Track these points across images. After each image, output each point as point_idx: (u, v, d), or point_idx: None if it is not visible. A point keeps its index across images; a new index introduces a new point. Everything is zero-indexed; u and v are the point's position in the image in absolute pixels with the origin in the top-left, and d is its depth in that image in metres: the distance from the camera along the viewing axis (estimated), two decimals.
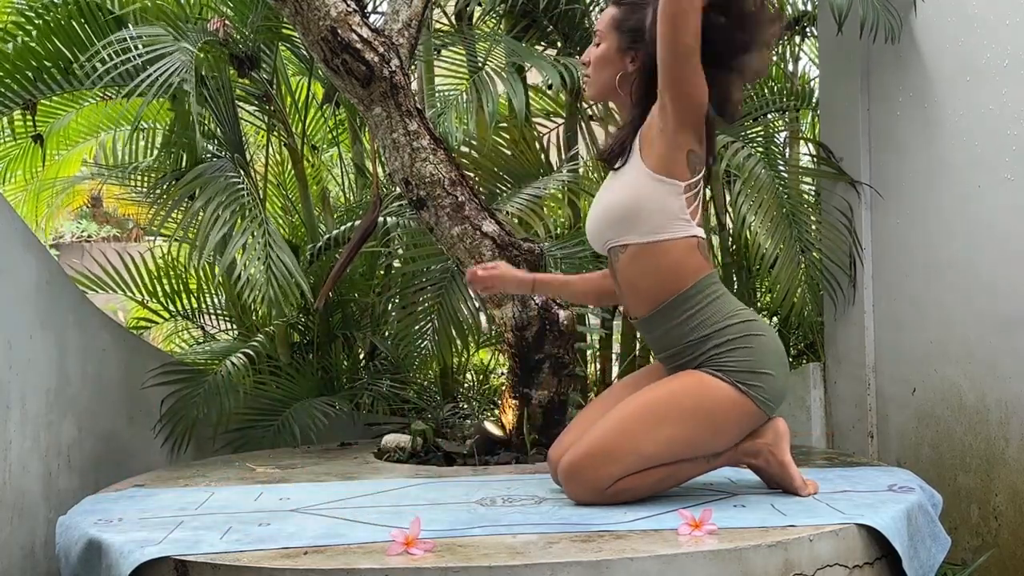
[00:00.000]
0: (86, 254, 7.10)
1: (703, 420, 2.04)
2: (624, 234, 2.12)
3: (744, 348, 2.06)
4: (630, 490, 2.04)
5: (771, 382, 2.06)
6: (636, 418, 2.04)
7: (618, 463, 2.00)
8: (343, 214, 4.21)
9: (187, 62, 3.03)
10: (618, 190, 2.13)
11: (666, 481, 2.08)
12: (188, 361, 3.51)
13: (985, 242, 2.91)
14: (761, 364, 2.05)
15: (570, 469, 2.05)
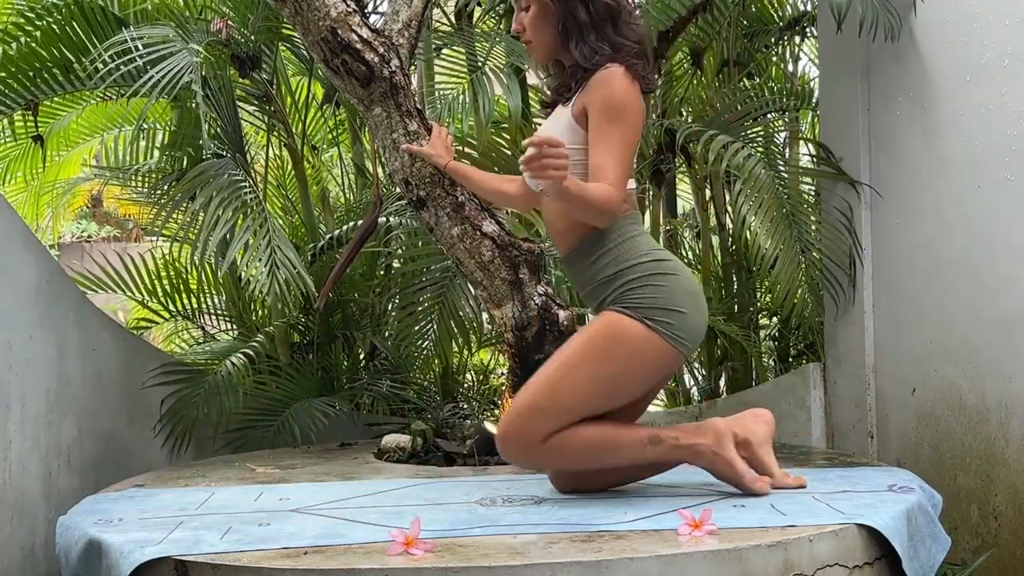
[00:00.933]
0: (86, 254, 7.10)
1: (615, 359, 2.05)
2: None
3: (653, 285, 2.08)
4: (562, 449, 2.05)
5: (682, 319, 2.07)
6: (555, 370, 2.07)
7: (543, 416, 2.03)
8: (343, 214, 4.21)
9: (193, 62, 3.03)
10: (552, 133, 2.14)
11: (602, 452, 2.08)
12: (188, 361, 3.51)
13: (985, 242, 2.91)
14: (670, 301, 2.07)
15: (501, 431, 2.08)
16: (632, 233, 2.15)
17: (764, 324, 4.34)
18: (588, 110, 2.09)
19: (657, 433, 2.12)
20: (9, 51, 3.35)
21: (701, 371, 4.58)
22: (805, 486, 2.17)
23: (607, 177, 2.03)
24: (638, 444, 2.10)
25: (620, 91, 2.08)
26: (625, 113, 2.08)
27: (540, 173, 1.86)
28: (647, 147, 4.13)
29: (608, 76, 2.08)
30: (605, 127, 2.06)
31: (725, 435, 2.12)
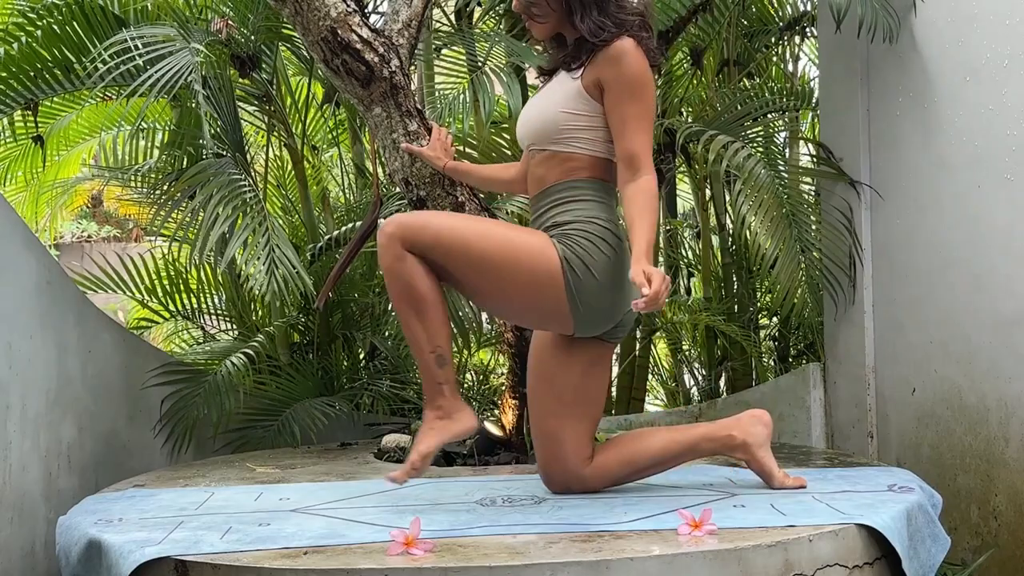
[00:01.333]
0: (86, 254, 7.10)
1: (519, 264, 2.06)
2: (548, 144, 2.20)
3: (594, 246, 2.09)
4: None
5: (596, 288, 2.08)
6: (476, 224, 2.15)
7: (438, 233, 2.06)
8: (343, 214, 4.21)
9: (194, 62, 3.03)
10: (555, 101, 2.19)
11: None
12: (188, 361, 3.51)
13: (985, 242, 2.91)
14: (597, 267, 2.08)
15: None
16: (601, 199, 2.18)
17: (764, 324, 4.34)
18: (605, 86, 2.12)
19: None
20: (11, 51, 3.35)
21: (701, 371, 4.58)
22: (805, 486, 2.17)
23: (644, 165, 2.09)
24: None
25: (637, 67, 2.11)
26: (645, 88, 2.12)
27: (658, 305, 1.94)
28: None
29: (621, 52, 2.10)
30: (629, 106, 2.10)
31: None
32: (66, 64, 3.46)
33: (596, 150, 2.18)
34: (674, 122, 3.91)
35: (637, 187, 2.09)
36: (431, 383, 2.10)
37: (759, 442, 2.19)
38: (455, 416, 2.09)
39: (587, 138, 2.17)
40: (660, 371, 4.81)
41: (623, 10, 2.16)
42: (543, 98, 2.26)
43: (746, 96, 4.01)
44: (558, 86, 2.22)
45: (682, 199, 5.30)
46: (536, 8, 2.19)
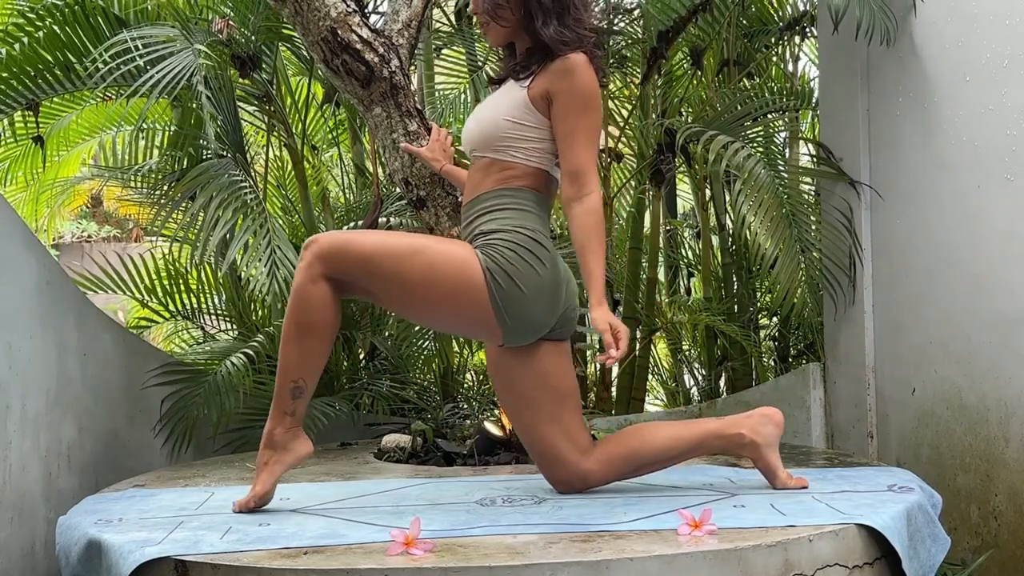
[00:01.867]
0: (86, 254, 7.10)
1: (440, 276, 2.06)
2: (488, 151, 2.20)
3: (519, 256, 2.09)
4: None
5: (522, 300, 2.08)
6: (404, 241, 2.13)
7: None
8: (343, 214, 4.21)
9: (196, 62, 3.03)
10: (500, 109, 2.19)
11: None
12: (188, 361, 3.51)
13: (985, 242, 2.91)
14: (522, 278, 2.08)
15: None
16: (531, 208, 2.17)
17: (764, 324, 4.34)
18: (554, 98, 2.12)
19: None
20: (12, 52, 3.35)
21: (701, 371, 4.58)
22: (807, 487, 2.17)
23: (589, 182, 2.10)
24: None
25: (588, 83, 2.12)
26: (593, 103, 2.13)
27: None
28: (647, 147, 4.14)
29: (573, 66, 2.11)
30: (577, 120, 2.11)
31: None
32: (67, 64, 3.46)
33: (535, 161, 2.18)
34: (674, 122, 3.91)
35: (583, 207, 2.09)
36: (279, 409, 2.11)
37: (768, 442, 2.18)
38: (289, 447, 2.11)
39: (527, 148, 2.17)
40: (660, 371, 4.81)
41: (580, 24, 2.15)
42: (488, 105, 2.26)
43: (746, 96, 4.01)
44: (505, 94, 2.22)
45: (682, 199, 5.30)
46: (501, 11, 2.18)
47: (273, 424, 2.12)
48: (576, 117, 2.11)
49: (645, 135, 4.16)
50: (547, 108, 2.14)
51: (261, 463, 2.12)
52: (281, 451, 2.11)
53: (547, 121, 2.15)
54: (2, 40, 3.39)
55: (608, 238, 4.08)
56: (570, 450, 2.18)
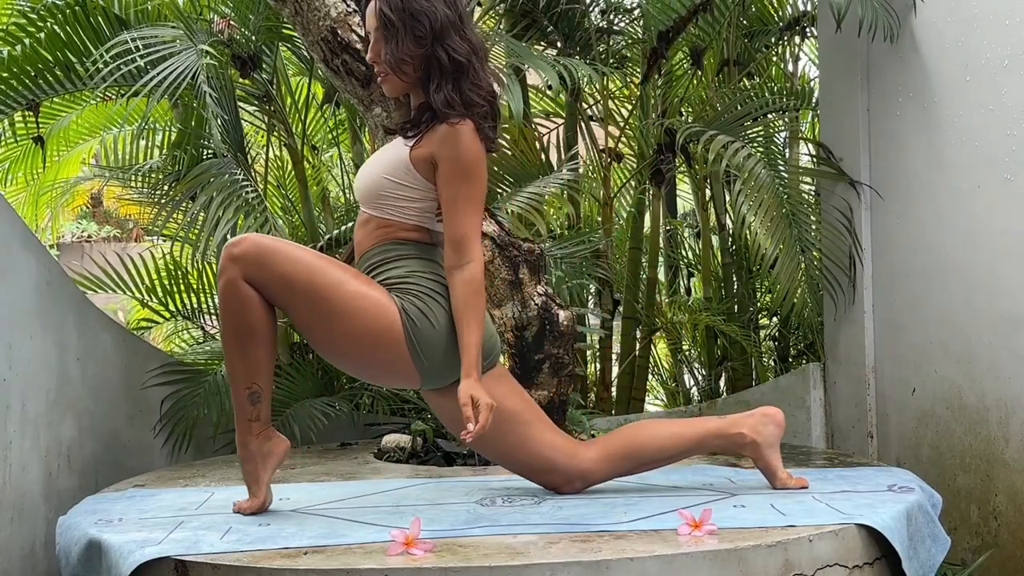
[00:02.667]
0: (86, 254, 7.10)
1: (355, 300, 2.04)
2: (368, 207, 2.19)
3: (431, 299, 2.09)
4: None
5: (435, 338, 2.07)
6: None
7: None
8: (343, 214, 4.21)
9: (199, 62, 3.03)
10: (382, 167, 2.17)
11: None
12: (188, 361, 3.51)
13: (985, 242, 2.91)
14: (436, 318, 2.08)
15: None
16: (424, 255, 2.17)
17: (764, 324, 4.34)
18: (438, 163, 2.09)
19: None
20: (13, 52, 3.35)
21: (701, 371, 4.58)
22: (807, 487, 2.17)
23: (470, 249, 2.07)
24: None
25: (472, 152, 2.08)
26: (479, 174, 2.10)
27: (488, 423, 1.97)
28: (647, 147, 4.14)
29: (458, 134, 2.07)
30: (461, 188, 2.08)
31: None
32: (67, 65, 3.46)
33: (413, 219, 2.17)
34: (674, 122, 3.91)
35: (463, 277, 2.07)
36: (243, 419, 2.08)
37: (769, 442, 2.18)
38: (266, 451, 2.09)
39: (405, 207, 2.15)
40: (660, 371, 4.81)
41: (477, 90, 2.12)
42: (373, 161, 2.24)
43: (746, 96, 4.01)
44: (391, 150, 2.20)
45: (682, 199, 5.30)
46: (404, 67, 2.13)
47: (243, 435, 2.09)
48: (458, 185, 2.08)
49: (645, 135, 4.16)
50: (430, 171, 2.11)
51: (247, 475, 2.11)
52: (261, 458, 2.09)
53: (426, 183, 2.13)
54: (3, 40, 3.39)
55: (608, 238, 4.08)
56: (557, 456, 2.18)
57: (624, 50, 4.22)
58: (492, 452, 2.25)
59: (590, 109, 4.33)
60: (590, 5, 4.11)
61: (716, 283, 4.34)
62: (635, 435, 2.23)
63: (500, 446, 2.19)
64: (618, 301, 4.27)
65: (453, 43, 2.10)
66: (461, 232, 2.07)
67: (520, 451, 2.19)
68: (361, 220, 2.22)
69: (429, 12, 2.09)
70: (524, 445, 2.18)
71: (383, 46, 2.14)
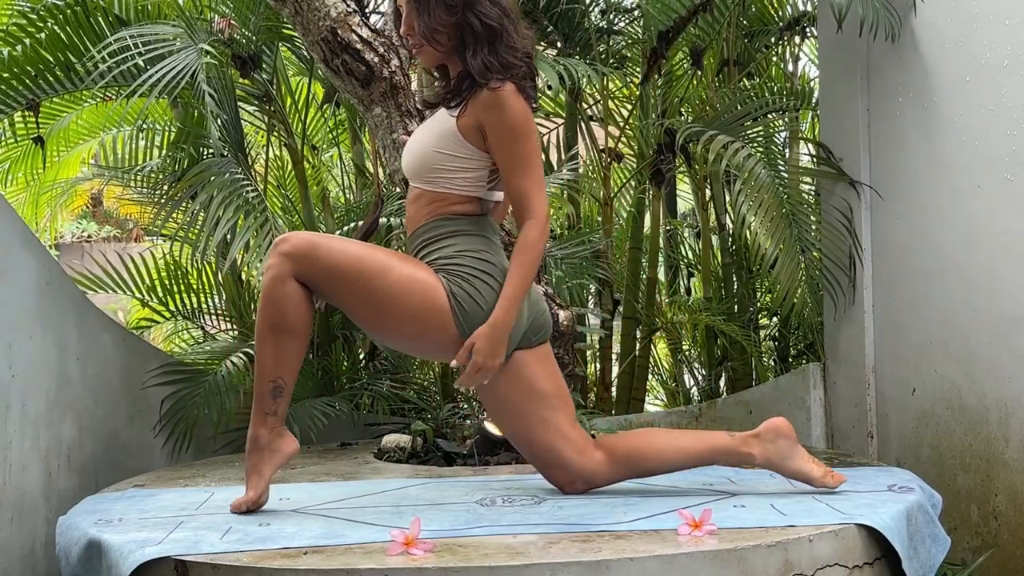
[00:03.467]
0: (86, 254, 7.09)
1: (404, 285, 2.08)
2: (420, 182, 2.21)
3: (476, 278, 2.12)
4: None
5: (482, 317, 2.09)
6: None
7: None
8: (343, 214, 4.21)
9: (200, 61, 3.03)
10: (430, 140, 2.20)
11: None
12: (188, 361, 3.51)
13: (985, 242, 2.91)
14: (483, 299, 2.10)
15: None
16: (476, 231, 2.19)
17: (764, 324, 4.34)
18: (487, 131, 2.12)
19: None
20: (15, 52, 3.36)
21: (701, 371, 4.58)
22: (845, 480, 2.15)
23: (533, 204, 2.12)
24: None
25: (518, 112, 2.11)
26: (530, 132, 2.14)
27: (480, 378, 2.07)
28: (647, 147, 4.14)
29: (502, 98, 2.10)
30: (516, 150, 2.12)
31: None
32: (67, 64, 3.46)
33: (466, 190, 2.19)
34: (674, 122, 3.91)
35: (523, 237, 2.12)
36: (260, 411, 2.10)
37: (784, 455, 2.14)
38: (275, 447, 2.11)
39: (458, 178, 2.18)
40: (660, 371, 4.81)
41: (512, 52, 2.14)
42: (420, 135, 2.26)
43: (746, 96, 4.01)
44: (436, 123, 2.22)
45: (682, 199, 5.30)
46: (438, 36, 2.15)
47: (256, 427, 2.10)
48: (510, 146, 2.12)
49: (645, 135, 4.16)
50: (479, 138, 2.14)
51: (250, 468, 2.11)
52: (268, 453, 2.10)
53: (478, 151, 2.15)
54: (4, 41, 3.39)
55: (608, 238, 4.08)
56: (568, 449, 2.18)
57: (624, 50, 4.22)
58: (510, 427, 2.25)
59: (590, 109, 4.33)
60: (590, 5, 4.11)
61: (716, 283, 4.34)
62: (642, 444, 2.22)
63: (520, 422, 2.20)
64: (618, 301, 4.27)
65: (483, 8, 2.12)
66: (522, 188, 2.12)
67: (537, 434, 2.18)
68: (412, 196, 2.24)
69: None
70: (542, 429, 2.18)
71: (415, 18, 2.16)
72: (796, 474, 2.14)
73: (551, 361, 2.26)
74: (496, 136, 2.12)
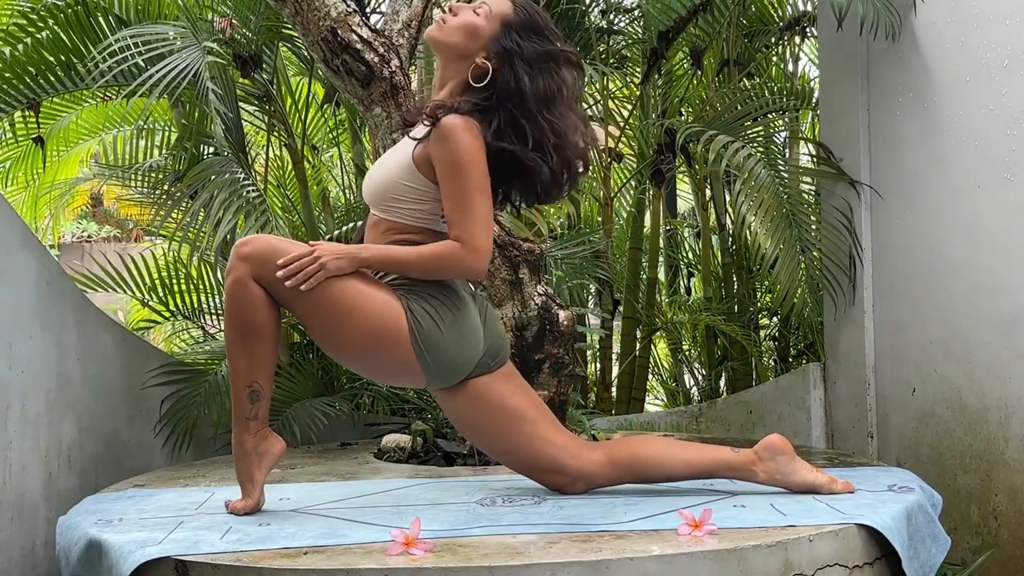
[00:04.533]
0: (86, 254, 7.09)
1: (362, 299, 2.04)
2: (377, 210, 2.18)
3: (435, 299, 2.08)
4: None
5: (439, 337, 2.06)
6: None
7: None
8: (343, 214, 4.21)
9: (203, 60, 3.03)
10: (390, 169, 2.16)
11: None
12: (188, 361, 3.51)
13: (985, 242, 2.91)
14: (439, 317, 2.07)
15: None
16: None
17: (764, 324, 4.34)
18: (433, 162, 2.07)
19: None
20: (16, 52, 3.36)
21: (701, 371, 4.58)
22: (853, 491, 2.12)
23: (468, 239, 2.05)
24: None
25: (465, 146, 2.05)
26: (473, 167, 2.06)
27: (303, 275, 1.98)
28: (647, 147, 4.14)
29: (451, 130, 2.04)
30: (456, 185, 2.06)
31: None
32: (68, 64, 3.46)
33: (420, 221, 2.16)
34: (674, 122, 3.91)
35: (446, 247, 2.06)
36: (241, 417, 2.07)
37: (785, 471, 2.12)
38: (262, 451, 2.08)
39: (413, 210, 2.14)
40: (660, 371, 4.81)
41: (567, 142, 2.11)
42: (383, 162, 2.23)
43: (746, 96, 4.01)
44: (398, 152, 2.19)
45: (682, 199, 5.31)
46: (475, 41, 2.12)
47: (240, 433, 2.08)
48: (449, 181, 2.06)
49: (645, 135, 4.16)
50: (430, 171, 2.09)
51: (241, 475, 2.10)
52: (256, 457, 2.08)
53: (430, 183, 2.11)
54: (5, 40, 3.40)
55: (608, 238, 4.08)
56: (562, 455, 2.16)
57: (624, 50, 4.22)
58: (495, 451, 2.25)
59: (590, 109, 4.33)
60: (590, 5, 4.11)
61: (716, 283, 4.34)
62: (645, 453, 2.19)
63: (503, 444, 2.19)
64: (618, 301, 4.27)
65: (541, 76, 2.11)
66: (458, 225, 2.06)
67: (524, 450, 2.18)
68: (372, 222, 2.22)
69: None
70: (528, 444, 2.17)
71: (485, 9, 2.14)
72: (802, 487, 2.12)
73: (515, 377, 2.24)
74: (440, 167, 2.07)
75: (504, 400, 2.14)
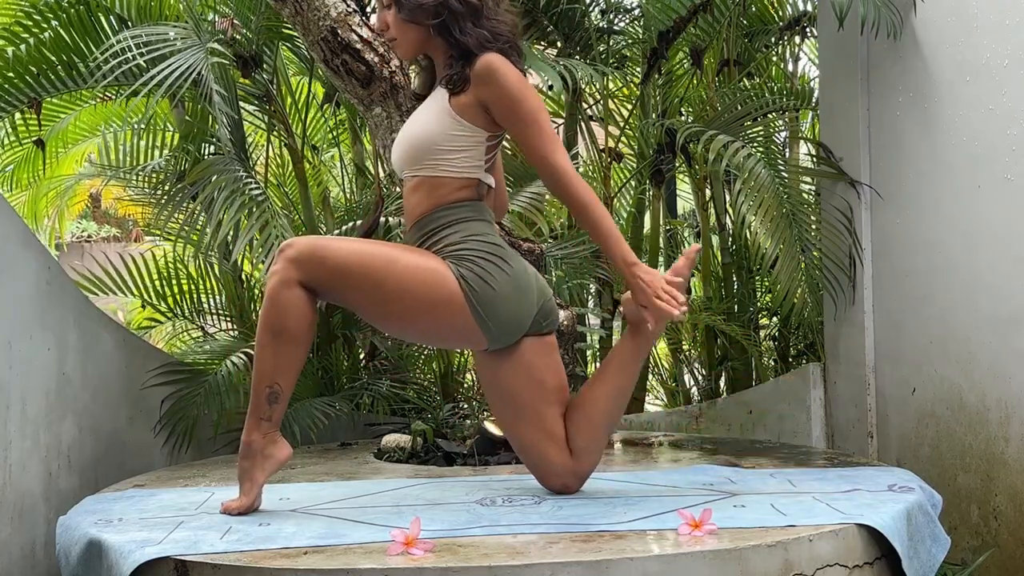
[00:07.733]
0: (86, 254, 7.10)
1: (414, 276, 2.06)
2: (417, 170, 2.19)
3: (486, 261, 2.11)
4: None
5: (495, 298, 2.08)
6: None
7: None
8: (343, 214, 4.21)
9: (205, 60, 3.03)
10: (424, 124, 2.19)
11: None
12: (188, 361, 3.51)
13: (985, 242, 2.91)
14: (495, 282, 2.09)
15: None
16: (478, 216, 2.18)
17: (764, 324, 4.34)
18: (490, 104, 2.12)
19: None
20: (18, 52, 3.36)
21: (701, 371, 4.58)
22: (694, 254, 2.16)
23: (554, 164, 2.10)
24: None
25: (515, 75, 2.12)
26: (529, 90, 2.14)
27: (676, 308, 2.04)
28: (647, 147, 4.14)
29: (492, 69, 2.10)
30: (523, 109, 2.11)
31: None
32: (70, 64, 3.47)
33: (466, 171, 2.17)
34: (674, 122, 3.91)
35: (575, 192, 2.09)
36: (255, 417, 2.08)
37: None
38: (268, 453, 2.09)
39: (457, 159, 2.16)
40: (660, 371, 4.81)
41: (500, 24, 2.15)
42: (413, 124, 2.24)
43: (746, 96, 4.01)
44: (426, 110, 2.21)
45: (682, 199, 5.30)
46: (421, 17, 2.14)
47: (250, 432, 2.08)
48: (517, 110, 2.11)
49: (645, 135, 4.16)
50: (476, 115, 2.13)
51: (242, 473, 2.10)
52: (261, 458, 2.08)
53: (474, 127, 2.14)
54: (7, 40, 3.40)
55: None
56: (556, 451, 2.17)
57: (624, 50, 4.22)
58: (504, 416, 2.24)
59: (590, 109, 4.33)
60: (590, 5, 4.11)
61: (716, 283, 4.34)
62: (580, 415, 2.20)
63: (513, 413, 2.19)
64: (618, 301, 4.27)
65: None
66: (539, 154, 2.11)
67: (525, 428, 2.18)
68: (411, 186, 2.22)
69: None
70: (534, 426, 2.17)
71: (394, 9, 2.17)
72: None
73: (555, 355, 2.25)
74: (501, 106, 2.11)
75: (539, 368, 2.18)
